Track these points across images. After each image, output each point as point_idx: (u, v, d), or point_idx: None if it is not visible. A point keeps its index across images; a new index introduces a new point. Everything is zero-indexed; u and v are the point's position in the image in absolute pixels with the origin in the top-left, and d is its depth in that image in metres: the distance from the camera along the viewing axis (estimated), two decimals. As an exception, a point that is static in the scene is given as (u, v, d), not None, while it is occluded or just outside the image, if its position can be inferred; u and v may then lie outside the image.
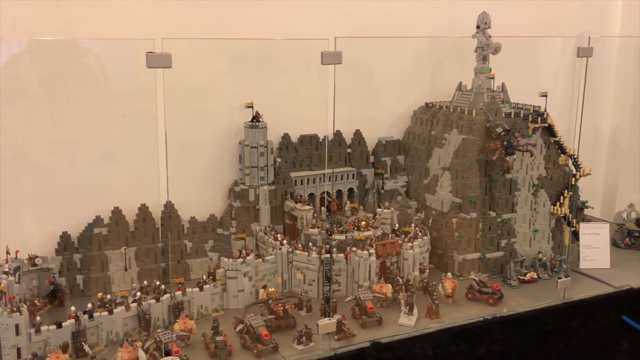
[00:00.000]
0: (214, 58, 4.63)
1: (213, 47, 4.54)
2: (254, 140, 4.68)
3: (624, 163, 6.62)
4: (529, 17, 5.99)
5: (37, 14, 4.09)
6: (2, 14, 3.95)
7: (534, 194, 4.85)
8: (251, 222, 4.76)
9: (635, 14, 6.55)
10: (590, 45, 4.08)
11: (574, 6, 6.29)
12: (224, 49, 4.65)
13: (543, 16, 6.08)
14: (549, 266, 4.74)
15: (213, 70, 4.64)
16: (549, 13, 6.12)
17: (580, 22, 6.36)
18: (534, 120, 4.80)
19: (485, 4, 5.08)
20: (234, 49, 4.66)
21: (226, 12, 4.66)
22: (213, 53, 4.61)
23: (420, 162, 5.24)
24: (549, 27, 6.09)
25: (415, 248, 4.52)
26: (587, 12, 6.47)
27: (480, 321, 4.03)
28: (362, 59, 5.26)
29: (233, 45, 4.56)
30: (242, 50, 4.68)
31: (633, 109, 6.66)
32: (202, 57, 4.51)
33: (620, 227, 5.41)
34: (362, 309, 3.98)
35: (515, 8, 5.84)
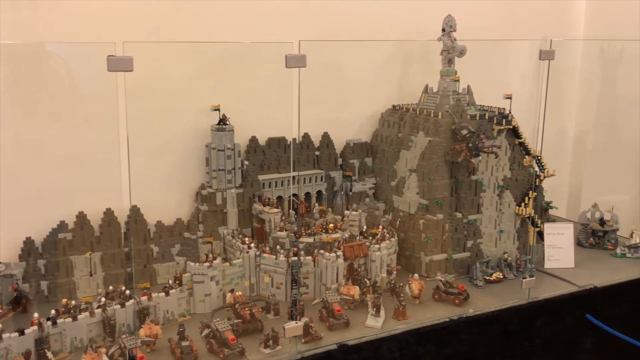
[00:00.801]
0: (180, 61, 4.60)
1: (178, 50, 4.51)
2: (221, 143, 4.66)
3: (589, 164, 6.75)
4: (495, 20, 6.07)
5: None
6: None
7: (499, 195, 4.91)
8: (219, 226, 4.73)
9: (598, 17, 6.68)
10: (552, 48, 4.14)
11: (539, 9, 6.39)
12: (190, 52, 4.63)
13: (508, 19, 6.17)
14: (515, 266, 4.80)
15: (179, 73, 4.61)
16: (514, 16, 6.22)
17: (545, 25, 6.45)
18: (499, 122, 4.86)
19: (451, 8, 5.13)
20: (200, 52, 4.63)
21: (190, 16, 4.64)
22: (178, 56, 4.58)
23: (387, 164, 5.27)
24: (514, 30, 6.18)
25: (383, 250, 4.54)
26: (551, 15, 6.58)
27: (446, 322, 4.07)
28: (330, 61, 5.27)
29: (198, 48, 4.54)
30: (208, 53, 4.67)
31: (597, 110, 6.79)
32: (167, 60, 4.48)
33: (585, 227, 5.50)
34: (329, 311, 3.99)
35: (480, 11, 5.92)
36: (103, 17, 4.34)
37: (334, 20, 5.24)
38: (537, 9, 6.39)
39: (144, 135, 4.31)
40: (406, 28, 5.55)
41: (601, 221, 5.46)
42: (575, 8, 6.72)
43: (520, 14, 6.26)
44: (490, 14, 6.06)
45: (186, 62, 4.63)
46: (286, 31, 4.92)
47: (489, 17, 6.03)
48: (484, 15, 5.96)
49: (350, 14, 5.30)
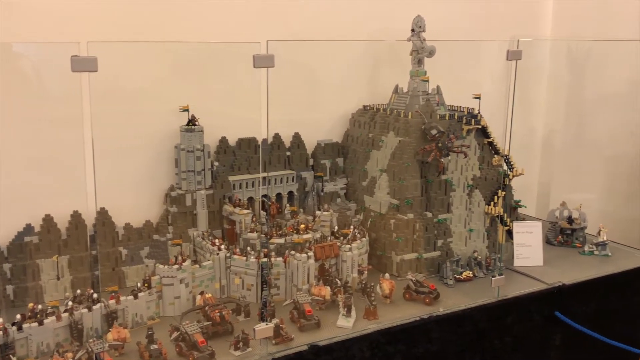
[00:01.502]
0: (147, 61, 4.55)
1: (145, 51, 4.46)
2: (190, 144, 4.63)
3: (558, 162, 6.84)
4: (464, 21, 6.12)
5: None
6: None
7: (469, 194, 4.95)
8: (188, 228, 4.69)
9: (565, 18, 6.78)
10: (519, 49, 4.18)
11: (508, 10, 6.46)
12: (157, 52, 4.58)
13: (477, 20, 6.23)
14: (484, 265, 4.84)
15: (146, 73, 4.56)
16: (483, 17, 6.27)
17: (514, 26, 6.53)
18: (468, 122, 4.90)
19: (420, 8, 5.15)
20: (168, 52, 4.60)
21: (157, 15, 4.60)
22: (146, 56, 4.53)
23: (359, 165, 5.28)
24: (483, 30, 6.24)
25: (354, 250, 4.54)
26: (519, 15, 6.65)
27: (417, 321, 4.08)
28: (300, 61, 5.26)
29: (166, 48, 4.50)
30: (177, 53, 4.63)
31: (566, 109, 6.89)
32: (134, 61, 4.43)
33: (553, 225, 5.56)
34: (300, 312, 3.98)
35: (450, 12, 5.97)
36: (67, 16, 4.27)
37: (303, 20, 5.24)
38: (506, 9, 6.46)
39: (110, 137, 4.25)
40: (376, 28, 5.56)
41: (569, 219, 5.53)
42: (543, 9, 6.80)
43: (489, 14, 6.32)
44: (460, 14, 6.10)
45: (154, 63, 4.59)
46: (256, 31, 4.91)
47: (458, 18, 6.07)
48: (453, 16, 6.01)
49: (320, 14, 5.31)
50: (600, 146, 6.54)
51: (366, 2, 5.54)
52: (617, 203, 6.35)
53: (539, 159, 6.95)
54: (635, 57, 6.23)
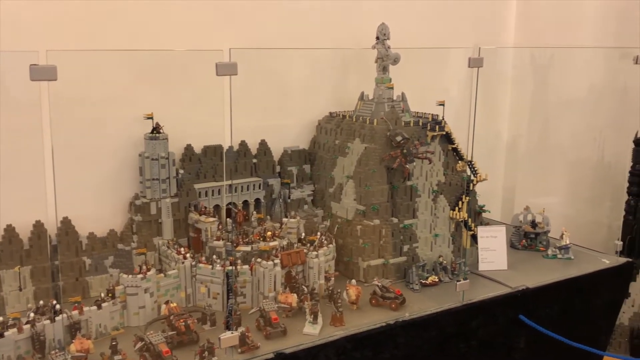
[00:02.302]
0: (110, 70, 4.52)
1: (107, 59, 4.43)
2: (155, 152, 4.59)
3: (522, 167, 6.94)
4: (429, 28, 6.19)
5: None
6: None
7: (434, 200, 4.99)
8: (153, 236, 4.65)
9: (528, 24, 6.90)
10: (480, 56, 4.24)
11: (472, 18, 6.55)
12: (120, 61, 4.54)
13: (442, 28, 6.30)
14: (450, 269, 4.89)
15: (109, 81, 4.52)
16: (447, 25, 6.35)
17: (477, 33, 6.63)
18: (432, 129, 4.95)
19: (384, 16, 5.20)
20: (131, 60, 4.56)
21: (119, 23, 4.56)
22: (108, 64, 4.50)
23: (325, 171, 5.29)
24: (448, 38, 6.32)
25: (321, 256, 4.55)
26: (483, 23, 6.76)
27: (383, 326, 4.10)
28: (266, 69, 5.27)
29: (130, 56, 4.46)
30: (141, 61, 4.60)
31: (530, 115, 7.01)
32: (96, 69, 4.39)
33: (517, 229, 5.64)
34: (266, 320, 3.97)
35: (415, 20, 6.03)
36: (26, 25, 4.21)
37: (270, 28, 5.25)
38: (470, 17, 6.55)
39: (72, 145, 4.22)
40: (341, 35, 5.59)
41: (533, 223, 5.61)
42: (506, 16, 6.92)
43: (453, 22, 6.41)
44: (425, 22, 6.18)
45: (117, 71, 4.55)
46: (222, 39, 4.89)
47: (423, 26, 6.14)
48: (418, 24, 6.08)
49: (285, 22, 5.32)
50: (564, 151, 6.67)
51: (331, 10, 5.57)
52: (579, 207, 6.48)
53: (504, 163, 7.06)
54: (596, 63, 6.38)
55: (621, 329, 5.95)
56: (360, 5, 5.73)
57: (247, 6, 5.16)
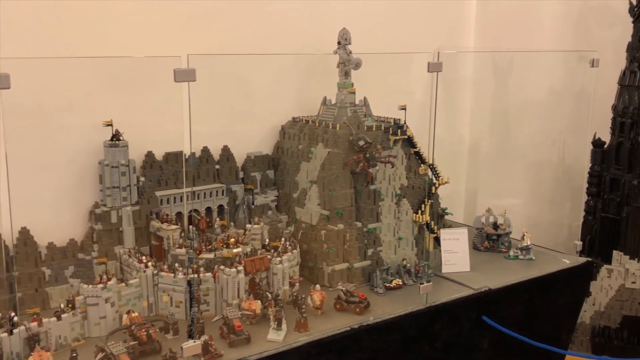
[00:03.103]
0: (68, 77, 4.44)
1: (66, 66, 4.35)
2: (115, 159, 4.53)
3: (484, 170, 7.03)
4: (391, 33, 6.24)
5: None
6: None
7: (397, 204, 5.03)
8: (114, 245, 4.59)
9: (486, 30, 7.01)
10: (439, 61, 4.28)
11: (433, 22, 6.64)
12: (79, 68, 4.47)
13: (404, 32, 6.36)
14: (414, 272, 4.92)
15: (68, 89, 4.45)
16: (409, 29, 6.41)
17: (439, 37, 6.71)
18: (395, 133, 4.99)
19: (346, 21, 5.22)
20: (90, 67, 4.49)
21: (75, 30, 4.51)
22: (67, 72, 4.42)
23: (289, 176, 5.29)
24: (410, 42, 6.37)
25: (285, 262, 4.54)
26: (444, 27, 6.85)
27: (347, 331, 4.10)
28: (228, 74, 5.25)
29: (88, 63, 4.40)
30: (99, 68, 4.54)
31: (491, 118, 7.10)
32: (55, 76, 4.32)
33: (480, 231, 5.71)
34: (230, 327, 3.94)
35: (377, 24, 6.07)
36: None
37: (230, 34, 5.23)
38: (431, 22, 6.63)
39: (29, 154, 4.14)
40: (302, 40, 5.59)
41: (494, 225, 5.68)
42: (466, 21, 7.02)
43: (415, 27, 6.47)
44: (386, 27, 6.22)
45: (74, 78, 4.47)
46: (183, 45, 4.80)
47: (385, 31, 6.18)
48: (380, 29, 6.11)
49: (246, 28, 5.31)
50: (525, 153, 6.77)
51: (292, 15, 5.58)
52: (540, 208, 6.58)
53: (466, 166, 7.14)
54: (555, 66, 6.50)
55: (583, 328, 6.05)
56: (322, 11, 5.75)
57: (209, 12, 5.14)
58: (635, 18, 5.79)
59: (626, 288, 5.86)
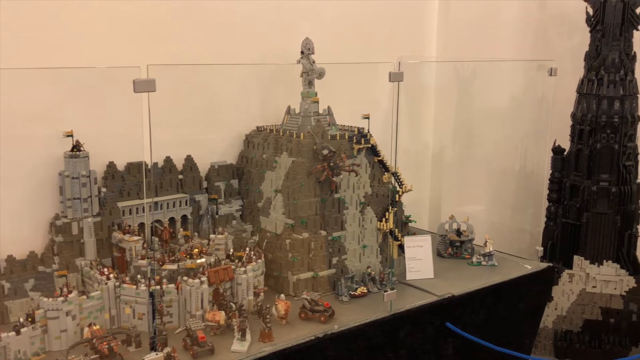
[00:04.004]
0: (28, 87, 4.38)
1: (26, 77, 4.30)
2: (75, 170, 4.47)
3: (447, 177, 7.11)
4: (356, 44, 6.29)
5: None
6: None
7: (361, 212, 5.05)
8: (76, 257, 4.52)
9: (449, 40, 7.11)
10: (401, 71, 4.33)
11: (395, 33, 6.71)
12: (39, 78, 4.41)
13: (367, 42, 6.42)
14: (378, 280, 4.95)
15: (27, 99, 4.39)
16: (372, 39, 6.47)
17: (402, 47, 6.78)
18: (358, 142, 5.02)
19: (309, 31, 5.25)
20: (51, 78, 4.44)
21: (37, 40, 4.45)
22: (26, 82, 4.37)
23: (253, 186, 5.28)
24: (374, 52, 6.43)
25: (249, 272, 4.52)
26: (407, 37, 6.93)
27: (312, 340, 4.11)
28: (192, 84, 5.22)
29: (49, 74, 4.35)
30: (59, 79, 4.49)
31: (454, 126, 7.19)
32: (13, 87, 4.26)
33: (443, 238, 5.76)
34: (193, 339, 3.91)
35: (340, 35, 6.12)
36: None
37: (192, 44, 5.22)
38: (394, 32, 6.70)
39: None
40: (266, 50, 5.61)
41: (458, 232, 5.75)
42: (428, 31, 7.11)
43: (378, 37, 6.54)
44: (350, 37, 6.27)
45: (34, 89, 4.41)
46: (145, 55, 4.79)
47: (350, 41, 6.24)
48: (343, 39, 6.16)
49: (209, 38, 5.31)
50: (487, 160, 6.87)
51: (256, 25, 5.58)
52: (503, 214, 6.68)
53: (430, 174, 7.21)
54: (515, 75, 6.61)
55: (545, 332, 6.14)
56: (286, 21, 5.77)
57: (172, 22, 5.13)
58: (592, 28, 5.93)
59: (587, 292, 5.97)
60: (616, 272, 5.88)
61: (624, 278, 5.88)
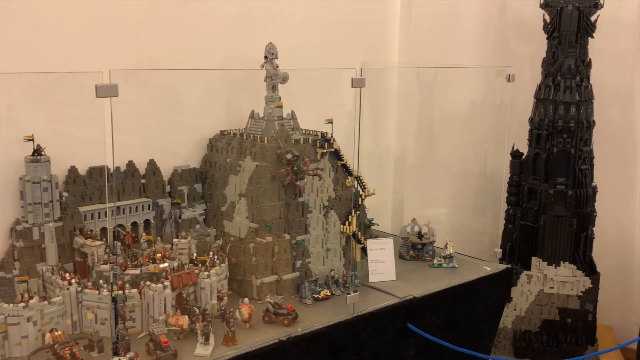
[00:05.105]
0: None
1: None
2: (36, 175, 4.43)
3: (410, 180, 7.23)
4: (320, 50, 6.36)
5: None
6: None
7: (325, 215, 5.11)
8: (37, 262, 4.47)
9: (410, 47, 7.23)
10: (363, 77, 4.40)
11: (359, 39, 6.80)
12: None
13: (331, 47, 6.49)
14: (341, 282, 5.00)
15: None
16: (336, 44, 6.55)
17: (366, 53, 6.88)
18: (322, 146, 5.08)
19: (272, 36, 5.29)
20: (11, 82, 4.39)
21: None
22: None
23: (217, 190, 5.29)
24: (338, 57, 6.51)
25: (212, 276, 4.54)
26: (370, 43, 7.02)
27: (275, 343, 4.14)
28: (155, 88, 5.22)
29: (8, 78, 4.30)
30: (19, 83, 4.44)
31: (417, 130, 7.31)
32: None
33: (405, 240, 5.85)
34: (156, 344, 3.91)
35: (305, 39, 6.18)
36: None
37: (156, 47, 5.21)
38: (358, 37, 6.79)
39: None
40: (230, 54, 5.63)
41: (419, 234, 5.84)
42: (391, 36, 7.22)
43: (342, 42, 6.62)
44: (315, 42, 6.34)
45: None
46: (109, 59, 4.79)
47: (313, 45, 6.30)
48: (308, 42, 6.22)
49: (173, 43, 5.31)
50: (449, 164, 7.00)
51: (220, 29, 5.60)
52: (463, 217, 6.82)
53: (393, 177, 7.32)
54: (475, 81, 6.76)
55: (505, 332, 6.28)
56: (249, 26, 5.80)
57: (136, 26, 5.11)
58: (549, 35, 6.09)
59: (545, 293, 6.13)
60: (573, 273, 6.05)
61: (581, 279, 6.05)
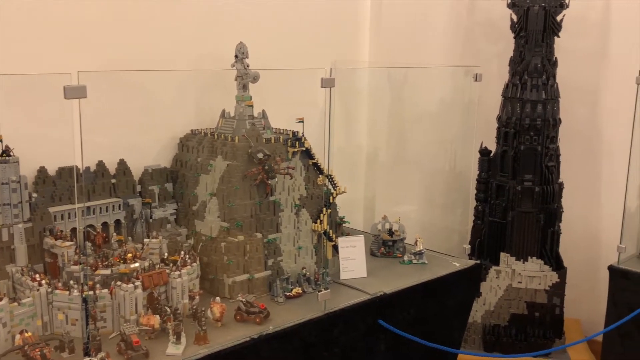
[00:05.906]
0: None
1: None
2: (5, 176, 4.39)
3: (381, 178, 7.30)
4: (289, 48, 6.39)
5: None
6: None
7: (297, 214, 5.15)
8: (6, 264, 4.43)
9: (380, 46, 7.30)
10: (332, 77, 4.44)
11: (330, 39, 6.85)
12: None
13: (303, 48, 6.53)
14: (313, 280, 5.05)
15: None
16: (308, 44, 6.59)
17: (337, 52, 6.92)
18: (293, 145, 5.11)
19: (243, 35, 5.30)
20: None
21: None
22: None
23: (188, 189, 5.29)
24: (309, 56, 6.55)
25: (184, 276, 4.55)
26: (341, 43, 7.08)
27: (247, 341, 4.17)
28: (124, 88, 5.20)
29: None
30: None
31: (388, 128, 7.39)
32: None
33: (376, 237, 5.92)
34: (127, 344, 3.92)
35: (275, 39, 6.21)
36: None
37: (123, 48, 5.20)
38: (329, 36, 6.84)
39: None
40: (200, 53, 5.63)
41: (390, 231, 5.92)
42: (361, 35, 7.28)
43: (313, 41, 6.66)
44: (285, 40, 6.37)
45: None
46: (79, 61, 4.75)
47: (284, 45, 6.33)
48: (279, 41, 6.25)
49: (142, 43, 5.31)
50: (419, 162, 7.09)
51: (190, 29, 5.61)
52: (433, 214, 6.91)
53: (364, 175, 7.38)
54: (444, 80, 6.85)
55: (474, 327, 6.39)
56: (221, 25, 5.81)
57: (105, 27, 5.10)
58: (516, 34, 6.20)
59: (513, 287, 6.25)
60: (540, 267, 6.18)
61: (548, 273, 6.19)
